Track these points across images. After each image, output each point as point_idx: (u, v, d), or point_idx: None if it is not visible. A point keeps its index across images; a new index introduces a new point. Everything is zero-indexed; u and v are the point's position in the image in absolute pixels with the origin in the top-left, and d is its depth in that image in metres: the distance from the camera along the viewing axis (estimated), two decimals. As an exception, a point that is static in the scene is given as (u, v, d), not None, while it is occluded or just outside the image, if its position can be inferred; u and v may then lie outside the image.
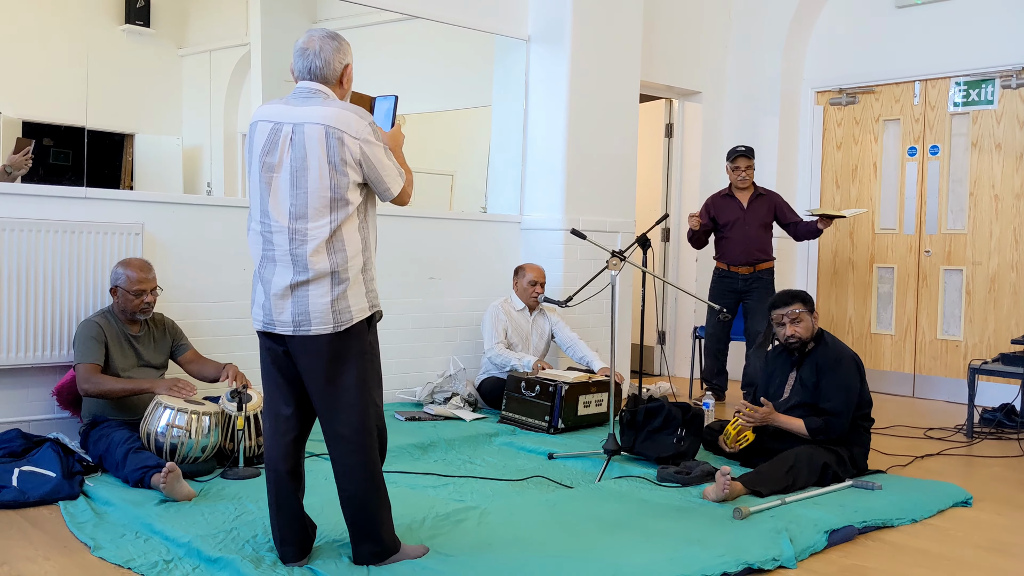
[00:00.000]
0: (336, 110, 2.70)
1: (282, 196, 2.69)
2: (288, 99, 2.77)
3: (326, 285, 2.68)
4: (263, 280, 2.75)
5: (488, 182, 6.42)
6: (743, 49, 7.25)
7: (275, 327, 2.74)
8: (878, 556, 3.17)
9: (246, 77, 5.91)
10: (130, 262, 4.06)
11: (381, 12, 5.39)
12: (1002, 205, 6.27)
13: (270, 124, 2.72)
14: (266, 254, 2.74)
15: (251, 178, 2.76)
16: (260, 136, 2.73)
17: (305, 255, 2.67)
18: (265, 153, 2.71)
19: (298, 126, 2.68)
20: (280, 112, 2.73)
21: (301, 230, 2.68)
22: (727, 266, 5.98)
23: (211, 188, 5.72)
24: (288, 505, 2.83)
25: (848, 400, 4.00)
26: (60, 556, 2.93)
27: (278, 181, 2.69)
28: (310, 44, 2.79)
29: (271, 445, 2.84)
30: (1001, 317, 6.25)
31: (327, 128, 2.66)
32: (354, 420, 2.75)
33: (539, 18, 6.01)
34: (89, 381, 3.87)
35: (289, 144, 2.68)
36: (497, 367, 5.38)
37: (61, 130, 4.88)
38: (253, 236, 2.77)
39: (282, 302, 2.70)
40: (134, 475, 3.56)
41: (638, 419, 4.28)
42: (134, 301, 4.00)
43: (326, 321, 2.69)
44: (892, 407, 6.16)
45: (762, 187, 6.02)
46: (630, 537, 3.18)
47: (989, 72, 6.30)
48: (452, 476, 3.96)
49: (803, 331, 4.14)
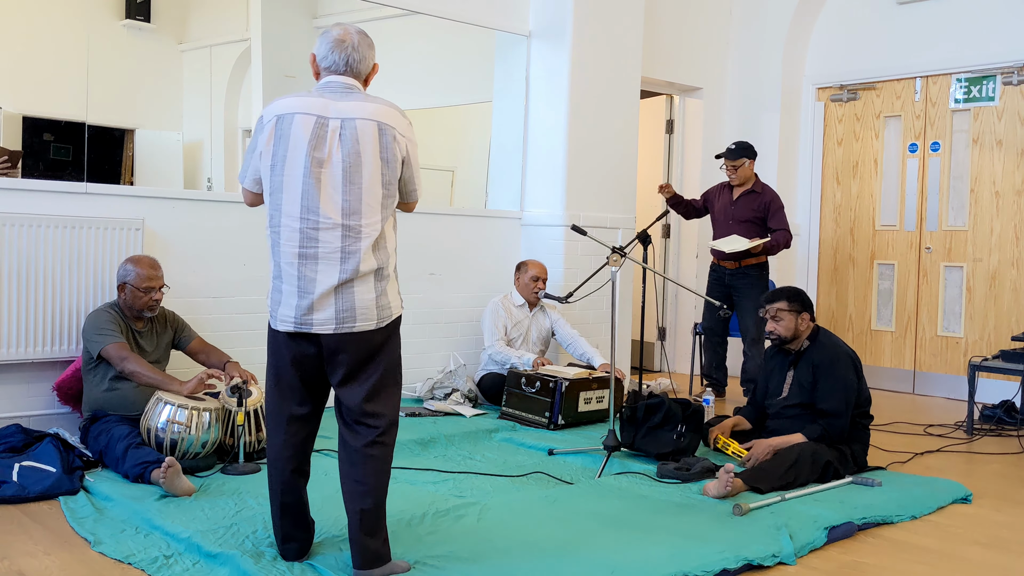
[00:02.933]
0: (384, 107, 2.68)
1: (333, 192, 2.61)
2: (321, 92, 2.68)
3: (371, 282, 2.66)
4: (302, 278, 2.63)
5: (489, 178, 6.42)
6: (744, 45, 7.24)
7: (311, 327, 2.64)
8: (878, 553, 3.17)
9: (247, 72, 5.90)
10: (140, 259, 4.06)
11: (382, 7, 5.38)
12: (1003, 202, 6.27)
13: (313, 117, 2.62)
14: (306, 251, 2.62)
15: (289, 173, 2.62)
16: (302, 129, 2.61)
17: (359, 252, 2.63)
18: (313, 148, 2.61)
19: (347, 121, 2.62)
20: (320, 105, 2.64)
21: (355, 227, 2.63)
22: (716, 259, 5.98)
23: (211, 183, 5.72)
24: (293, 505, 2.80)
25: (846, 400, 3.99)
26: (60, 551, 2.93)
27: (327, 176, 2.61)
28: (347, 37, 2.73)
29: (279, 446, 2.78)
30: (1001, 314, 6.25)
31: (380, 124, 2.64)
32: (382, 415, 2.72)
33: (540, 14, 6.01)
34: (126, 360, 3.85)
35: (338, 139, 2.61)
36: (497, 364, 5.39)
37: (62, 125, 4.88)
38: (287, 233, 2.63)
39: (324, 300, 2.62)
40: (134, 471, 3.56)
41: (638, 415, 4.28)
42: (143, 298, 4.00)
43: (370, 317, 2.66)
44: (892, 404, 6.17)
45: (761, 186, 5.90)
46: (630, 533, 3.18)
47: (990, 68, 6.29)
48: (452, 472, 3.96)
49: (782, 330, 4.15)
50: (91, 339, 3.94)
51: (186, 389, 3.84)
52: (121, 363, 3.87)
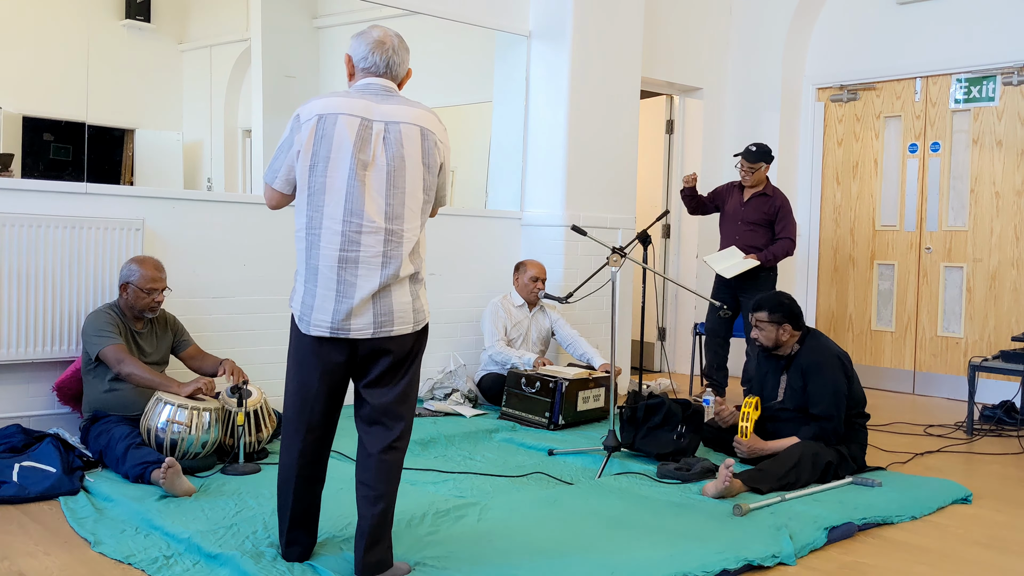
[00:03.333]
0: (424, 111, 2.67)
1: (376, 195, 2.58)
2: (362, 94, 2.64)
3: (407, 286, 2.65)
4: (341, 283, 2.57)
5: (489, 178, 6.42)
6: (744, 45, 7.24)
7: (349, 332, 2.59)
8: (878, 553, 3.17)
9: (246, 72, 5.90)
10: (145, 260, 4.06)
11: (382, 8, 5.38)
12: (1003, 202, 6.27)
13: (357, 119, 2.58)
14: (347, 255, 2.57)
15: (332, 174, 2.56)
16: (346, 130, 2.56)
17: (401, 257, 2.61)
18: (358, 150, 2.57)
19: (391, 124, 2.60)
20: (363, 107, 2.60)
21: (397, 231, 2.60)
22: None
23: (211, 184, 5.71)
24: (306, 512, 2.77)
25: (836, 402, 3.99)
26: (60, 551, 2.93)
27: (371, 179, 2.58)
28: (387, 39, 2.70)
29: (298, 452, 2.71)
30: (1001, 314, 6.25)
31: (423, 130, 2.63)
32: (405, 419, 2.70)
33: (540, 14, 6.01)
34: (124, 362, 3.85)
35: (382, 142, 2.59)
36: (498, 364, 5.39)
37: (62, 125, 4.87)
38: (327, 236, 2.57)
39: (363, 306, 2.58)
40: (134, 471, 3.56)
41: (638, 415, 4.29)
42: (145, 299, 4.00)
43: (407, 321, 2.64)
44: (892, 404, 6.17)
45: (773, 189, 5.86)
46: (630, 533, 3.18)
47: (990, 69, 6.29)
48: (452, 472, 3.96)
49: (763, 339, 4.17)
50: (90, 340, 3.93)
51: (184, 391, 3.84)
52: (118, 365, 3.86)
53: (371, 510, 2.64)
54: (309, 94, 6.29)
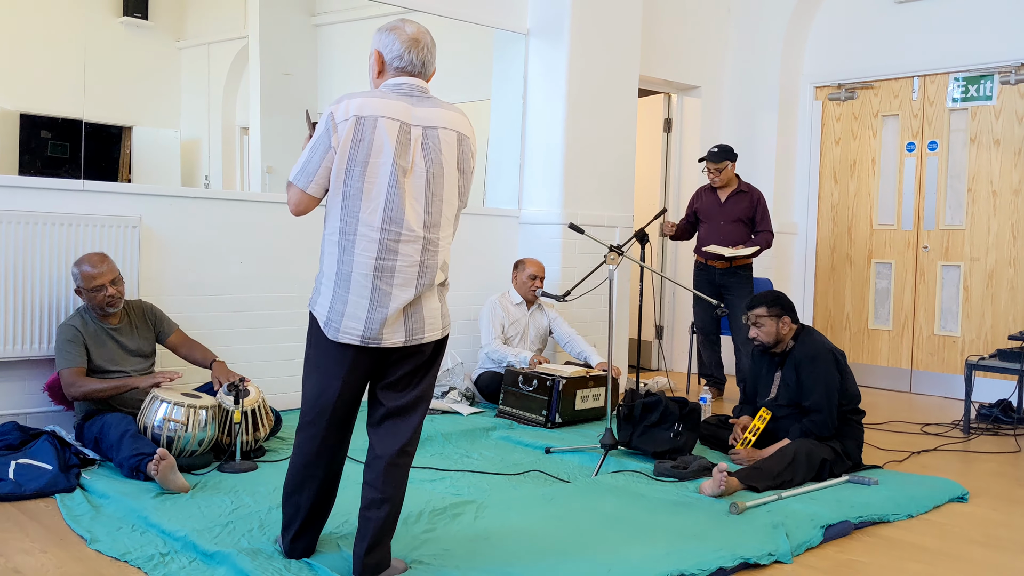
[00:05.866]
0: (459, 115, 2.62)
1: (415, 202, 2.51)
2: (398, 95, 2.55)
3: (436, 292, 2.63)
4: (376, 291, 2.50)
5: (487, 176, 6.42)
6: (742, 44, 7.24)
7: (381, 342, 2.53)
8: (874, 551, 3.17)
9: (244, 70, 5.89)
10: (83, 259, 3.98)
11: (379, 5, 5.38)
12: (1000, 201, 6.27)
13: (397, 123, 2.49)
14: (383, 263, 2.49)
15: (370, 180, 2.47)
16: (387, 135, 2.47)
17: (436, 266, 2.58)
18: (399, 156, 2.48)
19: (429, 130, 2.54)
20: (402, 110, 2.51)
21: (434, 239, 2.56)
22: (704, 259, 5.97)
23: (209, 181, 5.71)
24: (320, 512, 2.76)
25: (828, 395, 4.00)
26: (56, 549, 2.93)
27: (410, 186, 2.51)
28: (421, 37, 2.61)
29: (315, 453, 2.65)
30: (998, 313, 6.26)
31: (459, 135, 2.60)
32: (417, 423, 2.67)
33: (538, 12, 6.00)
34: (74, 386, 3.83)
35: (421, 148, 2.52)
36: (494, 362, 5.39)
37: (59, 122, 4.86)
38: (363, 243, 2.48)
39: (397, 316, 2.53)
40: (130, 461, 3.54)
41: (635, 414, 4.29)
42: (96, 297, 3.94)
43: (436, 327, 2.62)
44: (889, 402, 6.17)
45: (747, 185, 5.92)
46: (627, 531, 3.18)
47: (988, 68, 6.29)
48: (449, 470, 3.96)
49: (764, 336, 4.18)
50: (56, 355, 3.92)
51: (145, 384, 3.82)
52: (70, 389, 3.83)
53: (376, 513, 2.61)
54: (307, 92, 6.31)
